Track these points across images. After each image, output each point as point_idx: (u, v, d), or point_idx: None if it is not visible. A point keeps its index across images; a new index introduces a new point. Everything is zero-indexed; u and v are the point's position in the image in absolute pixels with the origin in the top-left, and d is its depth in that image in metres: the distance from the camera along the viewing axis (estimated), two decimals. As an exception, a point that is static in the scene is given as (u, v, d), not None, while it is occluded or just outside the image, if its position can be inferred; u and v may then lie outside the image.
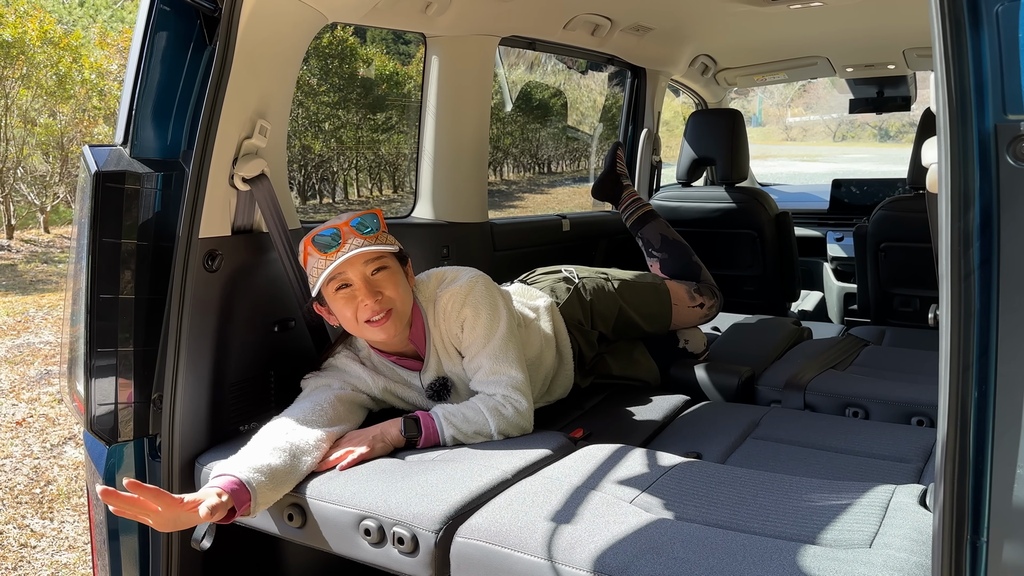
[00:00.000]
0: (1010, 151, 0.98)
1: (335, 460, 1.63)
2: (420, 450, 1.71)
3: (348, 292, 1.74)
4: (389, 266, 1.77)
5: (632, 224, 2.91)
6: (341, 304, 1.75)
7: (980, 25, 1.01)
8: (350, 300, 1.74)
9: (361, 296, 1.73)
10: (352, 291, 1.73)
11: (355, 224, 1.73)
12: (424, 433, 1.71)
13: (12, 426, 4.39)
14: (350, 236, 1.71)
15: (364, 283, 1.73)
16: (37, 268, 9.23)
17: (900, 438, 1.83)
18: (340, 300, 1.75)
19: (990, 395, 0.99)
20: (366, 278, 1.73)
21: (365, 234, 1.73)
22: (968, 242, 0.99)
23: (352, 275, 1.73)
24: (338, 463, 1.63)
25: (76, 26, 13.79)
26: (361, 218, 1.75)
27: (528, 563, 1.30)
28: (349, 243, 1.71)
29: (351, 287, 1.73)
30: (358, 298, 1.73)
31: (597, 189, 3.02)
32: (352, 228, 1.72)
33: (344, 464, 1.62)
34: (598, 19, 2.95)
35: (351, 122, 13.74)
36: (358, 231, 1.72)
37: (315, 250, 1.72)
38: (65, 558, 3.00)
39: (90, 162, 1.65)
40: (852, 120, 33.25)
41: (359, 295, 1.73)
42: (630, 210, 2.92)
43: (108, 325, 1.66)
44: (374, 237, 1.74)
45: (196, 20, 1.74)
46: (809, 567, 1.20)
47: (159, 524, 1.41)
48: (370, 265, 1.74)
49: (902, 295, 3.18)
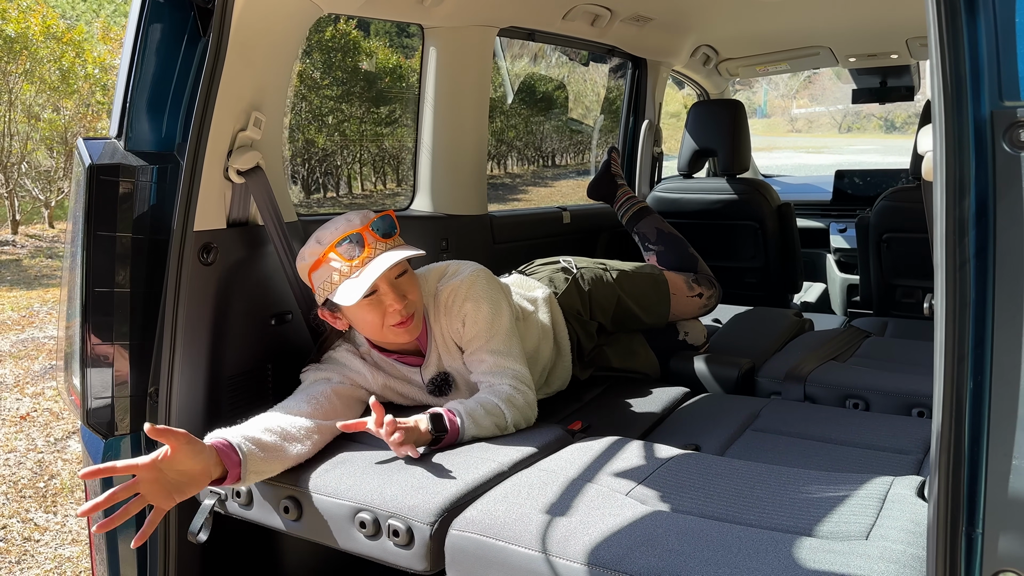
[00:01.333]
0: (1006, 138, 0.97)
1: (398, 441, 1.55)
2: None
3: (375, 298, 1.71)
4: (408, 269, 1.76)
5: (628, 220, 2.95)
6: (366, 310, 1.71)
7: (976, 11, 0.99)
8: (376, 306, 1.71)
9: (389, 301, 1.70)
10: (378, 296, 1.71)
11: (376, 228, 1.71)
12: (449, 430, 1.66)
13: (16, 420, 4.40)
14: (373, 241, 1.69)
15: (392, 288, 1.71)
16: (42, 263, 9.26)
17: (900, 429, 1.82)
18: (366, 306, 1.71)
19: (985, 386, 0.98)
20: (392, 283, 1.71)
21: (388, 237, 1.71)
22: (963, 231, 0.98)
23: (379, 281, 1.70)
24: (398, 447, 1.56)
25: (79, 21, 13.81)
26: (380, 221, 1.72)
27: (522, 555, 1.30)
28: (374, 248, 1.69)
29: (377, 293, 1.71)
30: (385, 303, 1.71)
31: (593, 189, 3.09)
32: (373, 232, 1.70)
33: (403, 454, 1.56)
34: (598, 9, 2.93)
35: (354, 116, 13.73)
36: (381, 235, 1.70)
37: (340, 256, 1.68)
38: (68, 552, 3.01)
39: (84, 155, 1.64)
40: (858, 111, 33.11)
41: (387, 300, 1.70)
42: (625, 207, 2.97)
43: (103, 319, 1.66)
44: (394, 240, 1.73)
45: (190, 12, 1.72)
46: (805, 559, 1.19)
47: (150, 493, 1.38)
48: (395, 269, 1.72)
49: (904, 286, 3.16)
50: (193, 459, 1.42)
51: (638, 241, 2.88)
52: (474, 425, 1.68)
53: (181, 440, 1.40)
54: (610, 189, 3.04)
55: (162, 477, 1.40)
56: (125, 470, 1.38)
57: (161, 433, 1.37)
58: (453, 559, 1.37)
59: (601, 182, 3.06)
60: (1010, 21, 0.98)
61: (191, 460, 1.42)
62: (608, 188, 3.05)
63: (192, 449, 1.42)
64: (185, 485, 1.43)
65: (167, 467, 1.40)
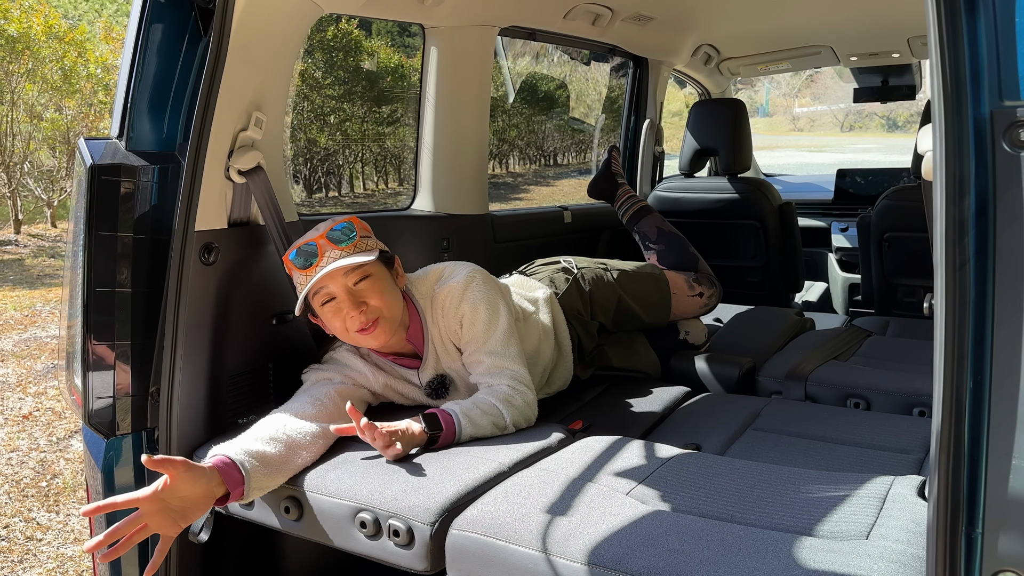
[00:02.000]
0: (1006, 137, 0.97)
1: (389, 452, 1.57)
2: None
3: (334, 305, 1.73)
4: (372, 273, 1.75)
5: (628, 220, 2.95)
6: (329, 316, 1.75)
7: (976, 11, 0.99)
8: (337, 312, 1.73)
9: (346, 308, 1.72)
10: (337, 303, 1.72)
11: (331, 236, 1.72)
12: (445, 429, 1.67)
13: (19, 420, 4.41)
14: (327, 249, 1.70)
15: (348, 295, 1.71)
16: (44, 263, 9.27)
17: (901, 429, 1.81)
18: (328, 313, 1.74)
19: (985, 385, 0.97)
20: (349, 290, 1.72)
21: (342, 245, 1.71)
22: (963, 230, 0.98)
23: (334, 288, 1.72)
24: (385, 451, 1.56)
25: (81, 20, 13.82)
26: (337, 228, 1.73)
27: (522, 555, 1.30)
28: (326, 256, 1.69)
29: (336, 300, 1.72)
30: (344, 310, 1.72)
31: (593, 187, 3.09)
32: (328, 240, 1.71)
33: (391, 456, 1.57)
34: (599, 8, 2.93)
35: (357, 115, 13.73)
36: (334, 243, 1.71)
37: (293, 267, 1.72)
38: (71, 551, 3.01)
39: (85, 155, 1.64)
40: (860, 110, 33.06)
41: (344, 307, 1.72)
42: (626, 206, 2.98)
43: (105, 319, 1.66)
44: (352, 246, 1.72)
45: (191, 12, 1.73)
46: (805, 559, 1.19)
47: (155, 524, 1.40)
48: (351, 276, 1.72)
49: (906, 285, 3.16)
50: (193, 484, 1.43)
51: (639, 240, 2.88)
52: (471, 424, 1.69)
53: (179, 468, 1.41)
54: (610, 188, 3.05)
55: (165, 506, 1.41)
56: (126, 504, 1.39)
57: (159, 464, 1.38)
58: (454, 559, 1.37)
59: (601, 181, 3.07)
60: (1010, 21, 0.97)
61: (191, 486, 1.43)
62: (608, 187, 3.05)
63: (191, 475, 1.43)
64: (188, 511, 1.44)
65: (168, 495, 1.41)
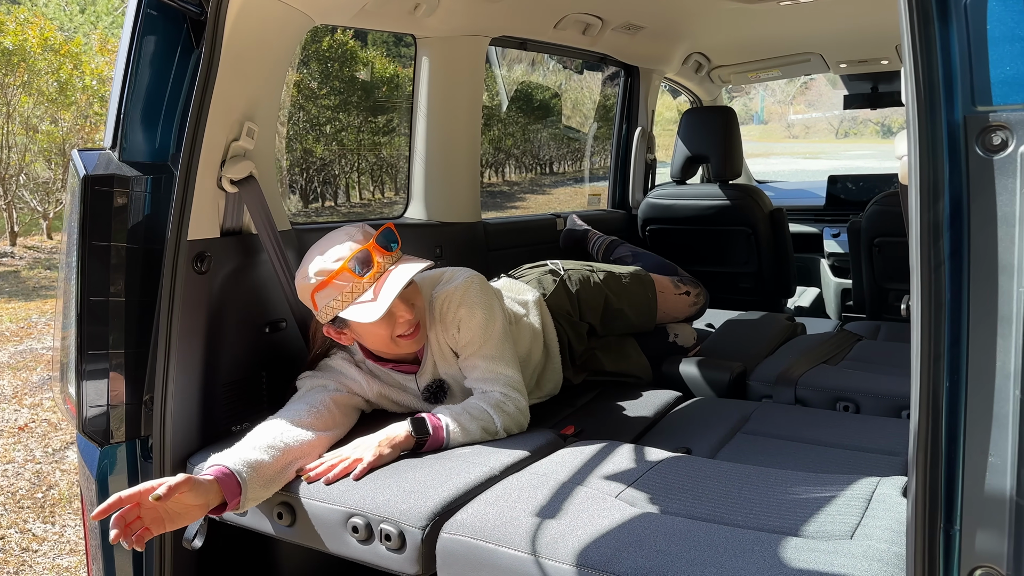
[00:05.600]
0: (979, 142, 0.99)
1: (343, 471, 1.58)
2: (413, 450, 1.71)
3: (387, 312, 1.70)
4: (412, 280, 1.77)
5: (603, 253, 3.13)
6: (377, 324, 1.71)
7: (948, 18, 1.02)
8: (387, 319, 1.71)
9: (400, 312, 1.71)
10: (390, 310, 1.69)
11: (381, 242, 1.70)
12: (432, 433, 1.68)
13: (15, 431, 4.41)
14: (380, 257, 1.69)
15: (402, 301, 1.71)
16: (40, 274, 9.27)
17: (889, 431, 1.83)
18: (377, 320, 1.69)
19: (961, 384, 0.99)
20: (401, 295, 1.71)
21: (390, 251, 1.71)
22: (938, 233, 1.00)
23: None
24: (345, 473, 1.58)
25: (77, 33, 13.85)
26: (383, 236, 1.72)
27: (512, 557, 1.31)
28: (383, 264, 1.69)
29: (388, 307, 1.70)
30: (396, 315, 1.71)
31: (564, 239, 3.33)
32: (380, 248, 1.70)
33: (356, 474, 1.57)
34: (589, 18, 2.96)
35: (352, 125, 13.76)
36: (385, 248, 1.71)
37: (352, 274, 1.67)
38: (66, 562, 3.02)
39: (79, 166, 1.66)
40: (854, 117, 33.18)
41: (398, 312, 1.71)
42: (597, 244, 3.21)
43: (99, 328, 1.67)
44: (396, 252, 1.73)
45: (183, 24, 1.75)
46: (790, 558, 1.21)
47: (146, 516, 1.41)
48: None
49: (896, 290, 3.18)
50: (194, 495, 1.46)
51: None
52: (460, 429, 1.70)
53: (184, 488, 1.44)
54: (579, 235, 3.30)
55: (160, 505, 1.43)
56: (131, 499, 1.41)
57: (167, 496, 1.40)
58: (444, 562, 1.39)
59: (571, 236, 3.32)
60: (982, 28, 1.00)
61: (191, 496, 1.46)
62: (577, 235, 3.31)
63: (194, 493, 1.46)
64: (180, 516, 1.46)
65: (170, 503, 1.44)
